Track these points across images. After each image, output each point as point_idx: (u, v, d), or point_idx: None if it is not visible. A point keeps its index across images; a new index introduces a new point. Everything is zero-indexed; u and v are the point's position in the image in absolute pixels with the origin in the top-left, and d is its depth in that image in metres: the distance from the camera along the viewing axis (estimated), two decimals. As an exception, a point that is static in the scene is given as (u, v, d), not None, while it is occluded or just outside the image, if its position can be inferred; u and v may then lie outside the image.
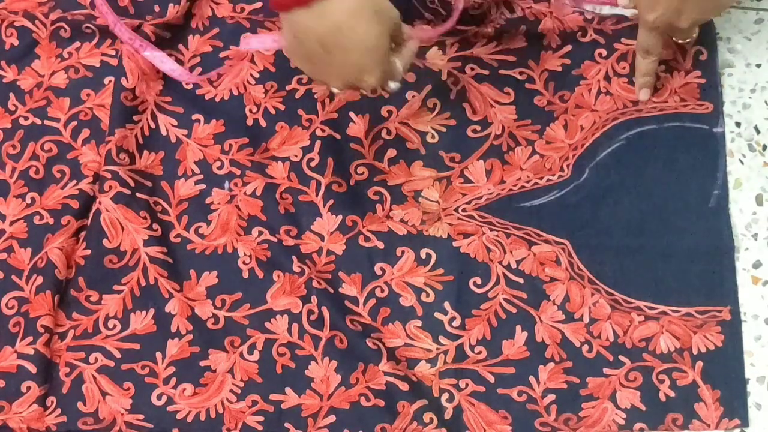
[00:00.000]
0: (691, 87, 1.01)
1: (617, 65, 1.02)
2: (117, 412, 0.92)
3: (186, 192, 1.00)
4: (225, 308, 0.96)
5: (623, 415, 0.91)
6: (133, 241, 0.97)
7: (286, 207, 0.99)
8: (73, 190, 1.00)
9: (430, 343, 0.94)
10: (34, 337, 0.94)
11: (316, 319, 0.95)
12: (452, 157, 1.00)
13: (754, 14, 1.06)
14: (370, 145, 1.01)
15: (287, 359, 0.94)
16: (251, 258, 0.97)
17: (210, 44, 1.05)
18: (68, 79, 1.05)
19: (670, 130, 1.00)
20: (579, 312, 0.94)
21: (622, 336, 0.93)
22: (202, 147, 1.02)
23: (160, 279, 0.96)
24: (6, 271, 0.97)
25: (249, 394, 0.93)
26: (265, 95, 1.03)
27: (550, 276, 0.95)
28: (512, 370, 0.93)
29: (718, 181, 0.98)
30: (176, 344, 0.95)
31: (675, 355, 0.92)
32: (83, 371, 0.94)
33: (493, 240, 0.97)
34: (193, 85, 1.04)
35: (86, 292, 0.96)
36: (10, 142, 1.03)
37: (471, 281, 0.95)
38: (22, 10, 1.07)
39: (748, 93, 1.02)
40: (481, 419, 0.91)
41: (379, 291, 0.96)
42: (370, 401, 0.92)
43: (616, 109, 1.01)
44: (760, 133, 1.01)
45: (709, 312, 0.93)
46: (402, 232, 0.98)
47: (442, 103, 1.02)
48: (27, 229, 0.99)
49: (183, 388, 0.93)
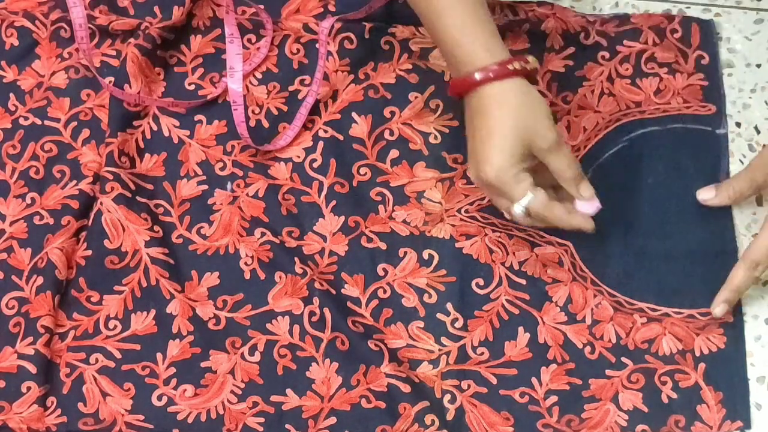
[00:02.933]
0: (693, 89, 1.01)
1: (620, 67, 1.02)
2: (117, 413, 0.92)
3: (188, 192, 1.00)
4: (226, 309, 0.96)
5: (625, 417, 0.90)
6: (134, 241, 0.97)
7: (288, 208, 0.99)
8: (73, 190, 0.99)
9: (433, 344, 0.94)
10: (35, 337, 0.93)
11: (318, 320, 0.94)
12: (455, 158, 1.00)
13: (754, 14, 1.06)
14: (372, 146, 1.01)
15: (288, 360, 0.94)
16: (253, 259, 0.97)
17: (212, 45, 1.05)
18: (68, 79, 1.05)
19: (673, 131, 1.00)
20: (581, 313, 0.94)
21: (624, 337, 0.93)
22: (204, 148, 1.01)
23: (161, 280, 0.96)
24: (6, 272, 0.97)
25: (250, 395, 0.93)
26: (268, 96, 1.03)
27: (553, 277, 0.95)
28: (514, 371, 0.93)
29: (721, 182, 0.98)
30: (177, 345, 0.94)
31: (677, 356, 0.92)
32: (84, 372, 0.93)
33: (495, 241, 0.97)
34: (195, 85, 1.04)
35: (87, 292, 0.96)
36: (10, 142, 1.02)
37: (473, 282, 0.95)
38: (22, 10, 1.07)
39: (748, 93, 1.02)
40: (483, 420, 0.91)
41: (382, 292, 0.96)
42: (371, 403, 0.92)
43: (619, 111, 1.01)
44: (760, 133, 1.01)
45: (711, 314, 0.93)
46: (404, 233, 0.98)
47: (445, 104, 1.02)
48: (27, 230, 0.99)
49: (184, 389, 0.93)
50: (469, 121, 0.88)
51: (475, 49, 0.86)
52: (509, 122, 0.84)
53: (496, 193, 0.88)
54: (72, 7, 1.02)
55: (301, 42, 1.05)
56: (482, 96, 0.85)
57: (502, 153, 0.84)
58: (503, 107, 0.85)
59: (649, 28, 1.04)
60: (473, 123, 0.87)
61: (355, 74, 1.04)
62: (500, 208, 0.90)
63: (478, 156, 0.86)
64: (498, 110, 0.85)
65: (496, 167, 0.85)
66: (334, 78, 1.04)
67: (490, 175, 0.85)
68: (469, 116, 0.88)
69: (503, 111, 0.85)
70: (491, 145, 0.85)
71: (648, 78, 1.02)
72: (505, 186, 0.86)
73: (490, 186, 0.86)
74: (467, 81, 0.86)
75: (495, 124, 0.85)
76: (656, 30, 1.04)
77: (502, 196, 0.87)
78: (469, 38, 0.86)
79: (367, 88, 1.03)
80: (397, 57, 1.04)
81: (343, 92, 1.03)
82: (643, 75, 1.03)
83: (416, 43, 1.04)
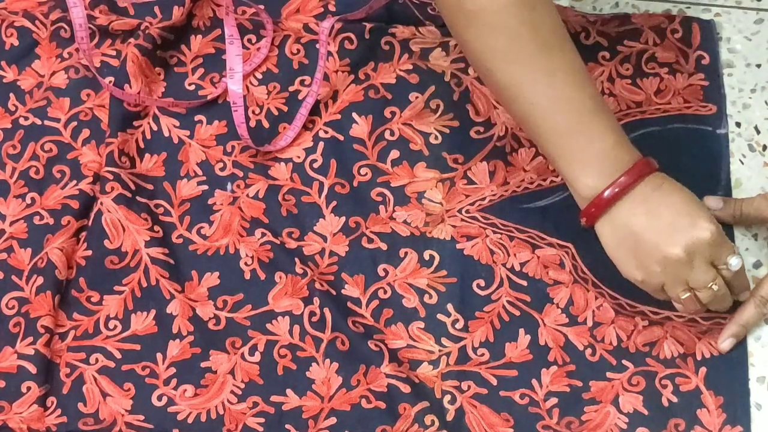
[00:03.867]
0: (694, 89, 1.01)
1: (620, 67, 1.02)
2: (117, 413, 0.92)
3: (188, 193, 1.00)
4: (226, 309, 0.95)
5: (625, 420, 0.90)
6: (134, 242, 0.97)
7: (288, 208, 0.99)
8: (73, 190, 0.99)
9: (433, 344, 0.94)
10: (35, 337, 0.93)
11: (318, 320, 0.94)
12: (455, 158, 1.00)
13: (754, 14, 1.06)
14: (373, 146, 1.01)
15: (288, 361, 0.93)
16: (253, 259, 0.97)
17: (213, 46, 1.05)
18: (68, 79, 1.05)
19: (674, 131, 1.00)
20: (583, 315, 0.94)
21: (625, 340, 0.93)
22: (204, 148, 1.01)
23: (161, 280, 0.96)
24: (6, 272, 0.97)
25: (250, 396, 0.92)
26: (268, 96, 1.03)
27: (554, 279, 0.95)
28: (515, 372, 0.92)
29: (722, 182, 0.98)
30: (177, 345, 0.94)
31: (678, 360, 0.92)
32: (84, 372, 0.93)
33: (496, 242, 0.97)
34: (195, 86, 1.04)
35: (87, 292, 0.96)
36: (10, 142, 1.02)
37: (474, 283, 0.95)
38: (22, 10, 1.07)
39: (748, 93, 1.02)
40: (483, 421, 0.91)
41: (382, 292, 0.95)
42: (371, 403, 0.92)
43: (620, 111, 1.00)
44: (760, 133, 1.01)
45: (714, 318, 0.93)
46: (405, 234, 0.97)
47: (446, 105, 1.02)
48: (27, 230, 0.99)
49: (184, 389, 0.93)
50: (643, 210, 0.83)
51: (630, 149, 0.85)
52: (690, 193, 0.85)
53: (711, 256, 0.84)
54: (72, 7, 1.02)
55: (301, 42, 1.05)
56: (648, 184, 0.84)
57: (707, 212, 0.84)
58: (676, 184, 0.85)
59: (650, 28, 1.04)
60: (657, 206, 0.83)
61: (355, 74, 1.04)
62: (704, 281, 0.85)
63: (688, 222, 0.83)
64: (675, 185, 0.85)
65: (713, 220, 0.83)
66: (335, 78, 1.03)
67: (712, 228, 0.83)
68: (639, 208, 0.84)
69: (678, 185, 0.85)
70: (697, 205, 0.84)
71: (648, 78, 1.02)
72: (722, 237, 0.84)
73: (711, 245, 0.83)
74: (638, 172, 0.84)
75: (685, 193, 0.84)
76: (657, 30, 1.04)
77: (718, 254, 0.84)
78: (622, 138, 0.85)
79: (367, 88, 1.03)
80: (397, 57, 1.04)
81: (343, 92, 1.03)
82: (643, 75, 1.03)
83: (416, 43, 1.04)
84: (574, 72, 0.83)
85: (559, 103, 0.82)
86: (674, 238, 0.83)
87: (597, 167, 0.83)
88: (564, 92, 0.82)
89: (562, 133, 0.83)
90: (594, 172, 0.83)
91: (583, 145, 0.83)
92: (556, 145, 0.84)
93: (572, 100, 0.82)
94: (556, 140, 0.84)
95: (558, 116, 0.83)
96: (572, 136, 0.83)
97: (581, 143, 0.83)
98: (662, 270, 0.84)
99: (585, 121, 0.83)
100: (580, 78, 0.83)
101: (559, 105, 0.82)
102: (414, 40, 1.04)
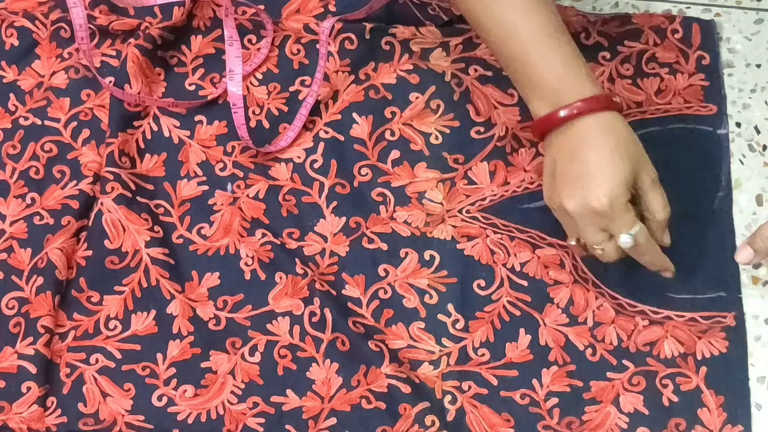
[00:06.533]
0: (694, 89, 1.01)
1: (621, 67, 1.02)
2: (117, 413, 0.92)
3: (188, 193, 1.00)
4: (226, 309, 0.95)
5: (626, 420, 0.90)
6: (134, 242, 0.97)
7: (289, 209, 0.99)
8: (73, 190, 0.99)
9: (433, 345, 0.94)
10: (35, 337, 0.93)
11: (318, 320, 0.94)
12: (456, 158, 1.00)
13: (754, 14, 1.06)
14: (373, 146, 1.01)
15: (288, 361, 0.94)
16: (253, 259, 0.97)
17: (213, 46, 1.05)
18: (68, 79, 1.05)
19: (674, 131, 1.00)
20: (583, 315, 0.94)
21: (626, 340, 0.93)
22: (204, 148, 1.01)
23: (161, 280, 0.96)
24: (6, 272, 0.97)
25: (250, 396, 0.93)
26: (268, 96, 1.03)
27: (555, 279, 0.95)
28: (515, 372, 0.92)
29: (722, 183, 0.98)
30: (177, 345, 0.94)
31: (679, 360, 0.92)
32: (84, 372, 0.93)
33: (497, 243, 0.97)
34: (195, 86, 1.04)
35: (87, 292, 0.96)
36: (10, 143, 1.02)
37: (475, 283, 0.95)
38: (22, 10, 1.07)
39: (748, 93, 1.02)
40: (483, 422, 0.91)
41: (383, 292, 0.95)
42: (372, 404, 0.92)
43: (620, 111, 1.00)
44: (760, 133, 1.01)
45: (714, 317, 0.93)
46: (406, 234, 0.97)
47: (446, 105, 1.02)
48: (27, 230, 0.99)
49: (184, 390, 0.93)
50: (568, 150, 0.85)
51: (581, 81, 0.85)
52: (621, 151, 0.83)
53: (600, 224, 0.85)
54: (72, 8, 1.02)
55: (301, 42, 1.05)
56: (588, 125, 0.84)
57: (617, 181, 0.83)
58: (612, 137, 0.84)
59: (650, 29, 1.04)
60: (578, 152, 0.84)
61: (355, 75, 1.04)
62: (591, 241, 0.87)
63: (587, 184, 0.83)
64: (608, 139, 0.84)
65: (613, 194, 0.83)
66: (335, 78, 1.03)
67: (603, 201, 0.83)
68: (568, 145, 0.85)
69: (613, 140, 0.84)
70: (605, 172, 0.83)
71: (649, 78, 1.02)
72: (617, 214, 0.84)
73: (600, 215, 0.84)
74: (579, 106, 0.84)
75: (607, 152, 0.83)
76: (657, 30, 1.04)
77: (609, 224, 0.85)
78: (573, 70, 0.85)
79: (367, 88, 1.03)
80: (397, 57, 1.04)
81: (343, 93, 1.03)
82: (644, 75, 1.02)
83: (417, 43, 1.04)
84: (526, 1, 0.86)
85: (510, 31, 0.86)
86: (570, 192, 0.85)
87: (539, 94, 0.86)
88: (516, 21, 0.86)
89: (515, 58, 0.87)
90: (536, 100, 0.87)
91: (530, 73, 0.86)
92: (509, 70, 0.89)
93: (519, 29, 0.86)
94: (508, 65, 0.89)
95: (510, 43, 0.87)
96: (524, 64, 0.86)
97: (527, 72, 0.86)
98: (559, 212, 0.88)
99: (531, 50, 0.86)
100: (533, 6, 0.86)
101: (510, 32, 0.86)
102: (414, 40, 1.04)
